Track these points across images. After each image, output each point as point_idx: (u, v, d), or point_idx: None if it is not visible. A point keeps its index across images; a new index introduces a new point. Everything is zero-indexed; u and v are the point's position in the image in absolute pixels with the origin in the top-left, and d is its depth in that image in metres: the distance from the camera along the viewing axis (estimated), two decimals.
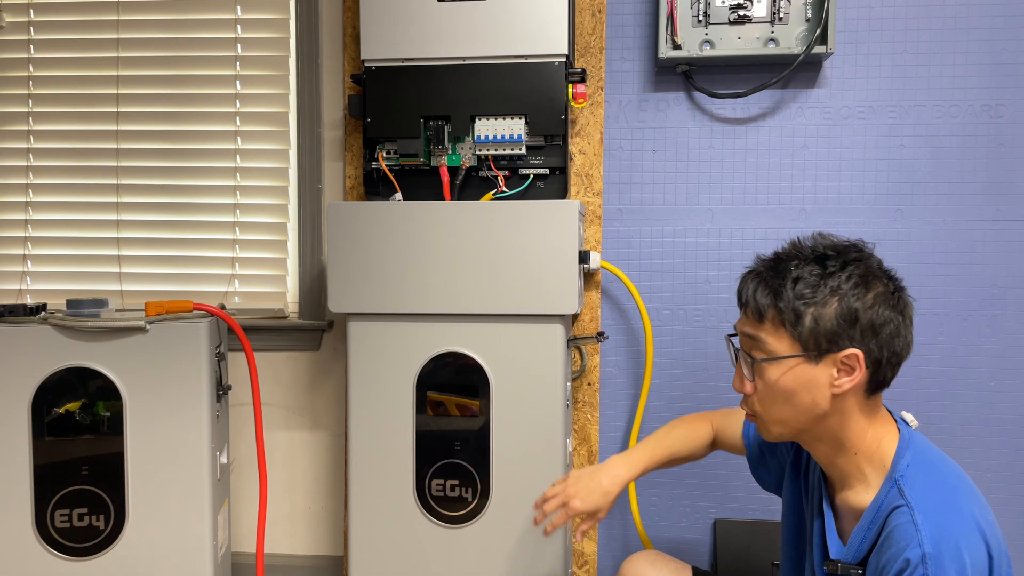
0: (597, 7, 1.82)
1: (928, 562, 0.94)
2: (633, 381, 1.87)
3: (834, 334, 1.01)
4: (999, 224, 1.76)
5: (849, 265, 1.04)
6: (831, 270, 1.03)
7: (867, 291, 1.02)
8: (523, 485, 1.62)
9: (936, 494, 1.00)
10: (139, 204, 2.01)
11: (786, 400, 1.05)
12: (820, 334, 1.02)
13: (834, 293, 1.02)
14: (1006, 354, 1.77)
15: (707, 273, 1.84)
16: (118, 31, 1.98)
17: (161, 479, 1.63)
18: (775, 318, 1.04)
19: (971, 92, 1.76)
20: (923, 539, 0.95)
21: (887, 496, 1.02)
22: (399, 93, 1.70)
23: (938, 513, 0.97)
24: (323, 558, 2.02)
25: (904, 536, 0.97)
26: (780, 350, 1.04)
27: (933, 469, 1.03)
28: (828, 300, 1.02)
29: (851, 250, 1.06)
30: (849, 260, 1.04)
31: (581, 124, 1.84)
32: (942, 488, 1.01)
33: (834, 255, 1.05)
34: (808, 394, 1.04)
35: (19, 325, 1.61)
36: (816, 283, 1.03)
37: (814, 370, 1.03)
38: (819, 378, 1.03)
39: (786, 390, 1.05)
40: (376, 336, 1.64)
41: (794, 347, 1.03)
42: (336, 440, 2.00)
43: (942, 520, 0.96)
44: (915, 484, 1.01)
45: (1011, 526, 1.78)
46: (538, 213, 1.57)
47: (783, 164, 1.81)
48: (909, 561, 0.95)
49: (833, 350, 1.02)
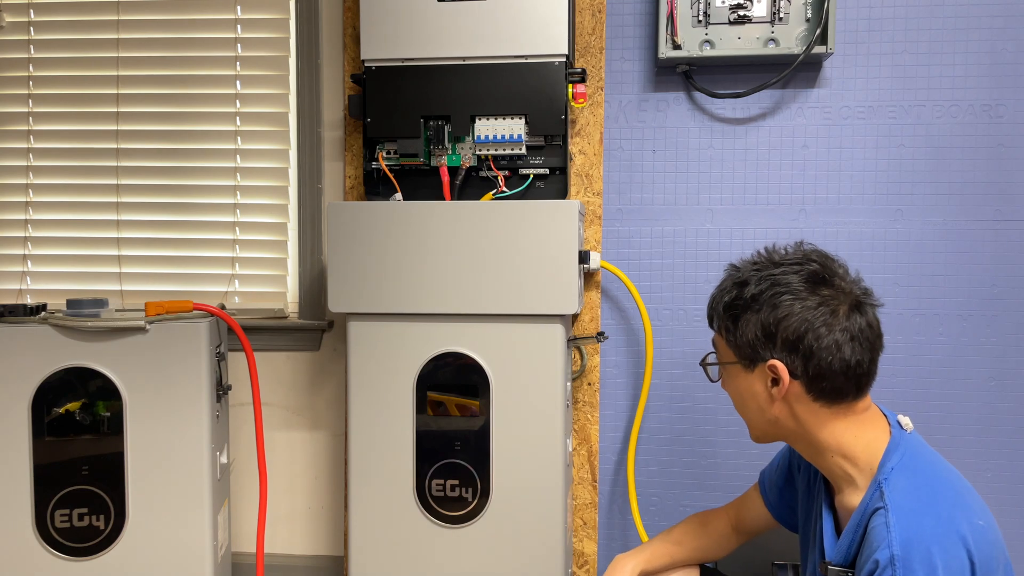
0: (597, 7, 1.82)
1: (896, 564, 0.94)
2: (633, 381, 1.87)
3: (755, 344, 1.07)
4: (999, 224, 1.76)
5: (769, 279, 1.07)
6: (760, 286, 1.07)
7: (793, 305, 1.04)
8: (523, 485, 1.62)
9: (914, 497, 0.99)
10: (139, 204, 2.01)
11: (741, 404, 1.15)
12: (745, 344, 1.09)
13: (758, 305, 1.07)
14: (1006, 354, 1.77)
15: (707, 273, 1.84)
16: (118, 31, 1.98)
17: (161, 479, 1.63)
18: (719, 326, 1.14)
19: (971, 92, 1.76)
20: (892, 540, 0.95)
21: (871, 499, 1.03)
22: (399, 93, 1.70)
23: (912, 516, 0.97)
24: (323, 558, 2.02)
25: (877, 538, 0.97)
26: (723, 356, 1.14)
27: (918, 472, 1.03)
28: (751, 313, 1.07)
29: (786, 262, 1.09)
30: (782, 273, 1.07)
31: (581, 124, 1.84)
32: (923, 491, 1.00)
33: (766, 266, 1.09)
34: (753, 400, 1.11)
35: (19, 325, 1.61)
36: (743, 295, 1.09)
37: (751, 377, 1.10)
38: (756, 385, 1.10)
39: (736, 394, 1.15)
40: (376, 336, 1.64)
41: (730, 355, 1.12)
42: (336, 440, 2.00)
43: (915, 522, 0.96)
44: (896, 486, 1.01)
45: (1011, 526, 1.78)
46: (538, 213, 1.57)
47: (783, 164, 1.81)
48: (878, 563, 0.95)
49: (759, 360, 1.08)
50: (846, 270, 1.10)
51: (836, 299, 1.05)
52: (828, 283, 1.06)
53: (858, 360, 1.04)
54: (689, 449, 1.86)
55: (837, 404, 1.06)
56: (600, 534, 1.90)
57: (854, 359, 1.04)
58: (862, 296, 1.07)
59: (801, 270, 1.07)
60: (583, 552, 1.89)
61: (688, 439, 1.86)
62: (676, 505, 1.87)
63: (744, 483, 1.84)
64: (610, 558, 1.90)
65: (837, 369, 1.04)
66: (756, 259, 1.13)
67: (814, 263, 1.08)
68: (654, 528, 1.87)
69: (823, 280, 1.06)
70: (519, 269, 1.57)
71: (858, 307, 1.06)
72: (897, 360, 1.79)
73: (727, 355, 1.13)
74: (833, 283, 1.06)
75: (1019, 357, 1.77)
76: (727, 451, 1.85)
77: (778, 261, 1.10)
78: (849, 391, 1.06)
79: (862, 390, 1.07)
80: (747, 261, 1.14)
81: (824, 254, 1.11)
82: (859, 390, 1.06)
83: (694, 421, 1.86)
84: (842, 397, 1.06)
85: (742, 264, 1.14)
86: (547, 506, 1.61)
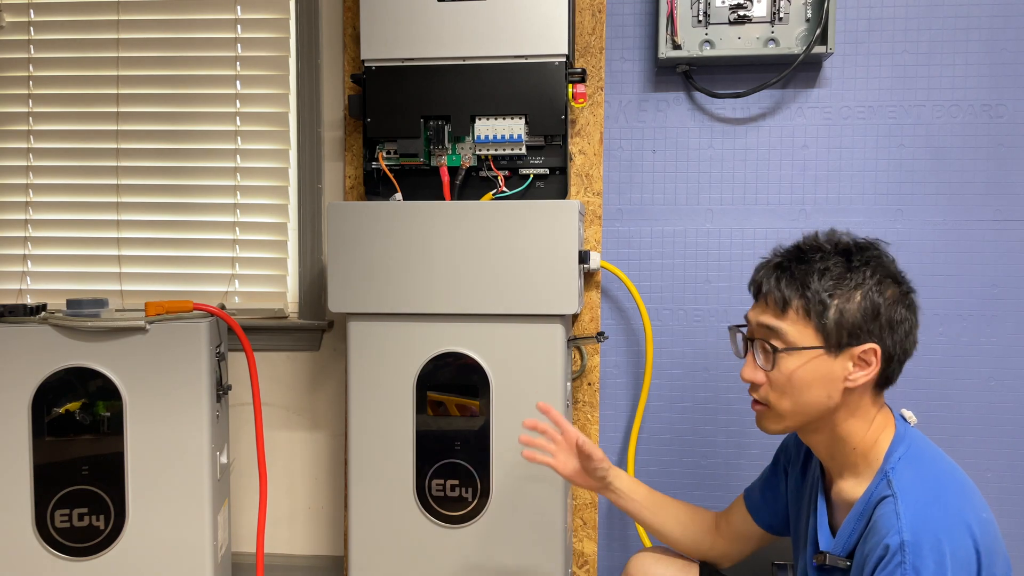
0: (597, 7, 1.82)
1: (906, 550, 0.94)
2: (633, 381, 1.87)
3: (857, 328, 1.03)
4: (999, 224, 1.77)
5: (872, 261, 1.06)
6: (856, 264, 1.05)
7: (887, 288, 1.05)
8: (523, 485, 1.62)
9: (922, 486, 1.00)
10: (139, 204, 2.01)
11: (801, 391, 1.06)
12: (844, 327, 1.03)
13: (858, 287, 1.04)
14: (1006, 354, 1.77)
15: (707, 273, 1.84)
16: (118, 31, 1.98)
17: (161, 479, 1.63)
18: (801, 308, 1.05)
19: (971, 92, 1.76)
20: (903, 527, 0.96)
21: (877, 488, 1.03)
22: (399, 93, 1.70)
23: (921, 504, 0.98)
24: (323, 558, 2.02)
25: (886, 525, 0.98)
26: (802, 341, 1.05)
27: (924, 464, 1.04)
28: (852, 294, 1.03)
29: (871, 247, 1.09)
30: (870, 256, 1.06)
31: (581, 124, 1.84)
32: (930, 482, 1.01)
33: (857, 250, 1.07)
34: (823, 387, 1.05)
35: (19, 325, 1.61)
36: (842, 276, 1.04)
37: (832, 363, 1.04)
38: (835, 371, 1.04)
39: (803, 381, 1.05)
40: (376, 336, 1.64)
41: (816, 339, 1.04)
42: (336, 440, 2.00)
43: (925, 511, 0.97)
44: (903, 476, 1.02)
45: (1011, 526, 1.78)
46: (538, 213, 1.57)
47: (783, 164, 1.81)
48: (888, 548, 0.96)
49: (853, 344, 1.03)
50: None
51: (903, 283, 1.08)
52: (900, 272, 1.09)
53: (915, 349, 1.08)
54: (689, 449, 1.86)
55: (880, 391, 1.08)
56: (600, 534, 1.90)
57: (915, 348, 1.08)
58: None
59: (879, 252, 1.08)
60: (583, 552, 1.89)
61: (688, 439, 1.86)
62: None
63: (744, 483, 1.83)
64: (610, 558, 1.90)
65: (909, 356, 1.07)
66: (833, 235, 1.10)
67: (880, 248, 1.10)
68: None
69: (897, 269, 1.09)
70: (519, 269, 1.57)
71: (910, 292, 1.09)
72: None
73: (808, 339, 1.04)
74: (901, 272, 1.09)
75: (1019, 357, 1.77)
76: (727, 451, 1.85)
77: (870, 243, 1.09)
78: (896, 379, 1.08)
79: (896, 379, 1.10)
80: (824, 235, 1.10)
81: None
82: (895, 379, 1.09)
83: (694, 421, 1.86)
84: (889, 384, 1.09)
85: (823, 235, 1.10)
86: (547, 506, 1.62)
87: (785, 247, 1.12)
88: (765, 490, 1.30)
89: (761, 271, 1.11)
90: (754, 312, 1.11)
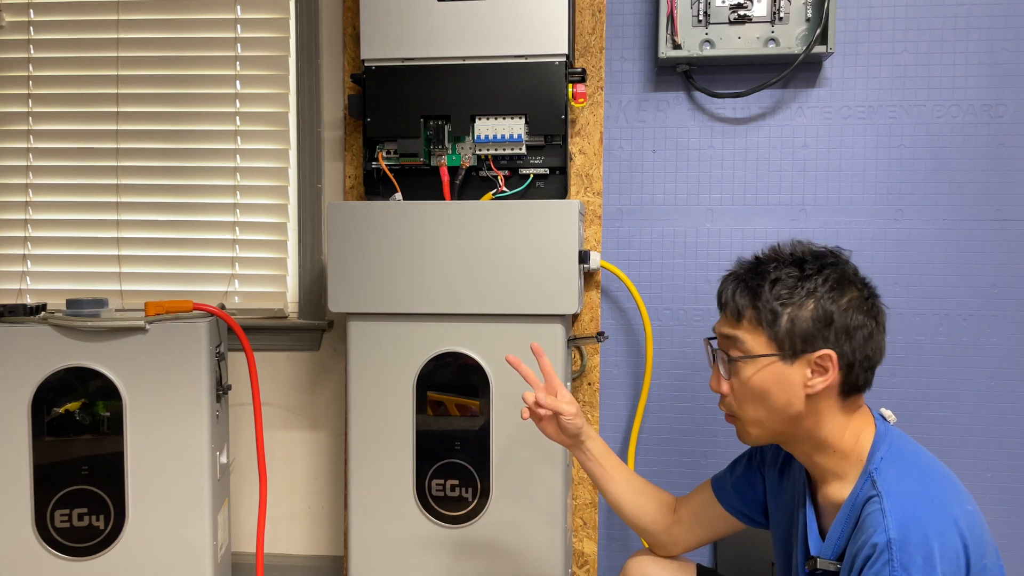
0: (597, 7, 1.82)
1: (893, 547, 0.95)
2: (633, 381, 1.87)
3: (809, 335, 1.05)
4: (999, 224, 1.76)
5: (825, 269, 1.07)
6: (808, 272, 1.07)
7: (842, 295, 1.06)
8: (523, 485, 1.62)
9: (906, 483, 1.01)
10: (139, 204, 2.01)
11: (761, 399, 1.08)
12: (795, 335, 1.05)
13: (810, 295, 1.05)
14: (1006, 354, 1.77)
15: (707, 273, 1.84)
16: (118, 31, 1.98)
17: (161, 479, 1.63)
18: (753, 318, 1.08)
19: (971, 92, 1.76)
20: (889, 525, 0.96)
21: (862, 489, 1.04)
22: (399, 93, 1.70)
23: (906, 501, 0.98)
24: (323, 558, 2.02)
25: (872, 523, 0.98)
26: (756, 349, 1.07)
27: (907, 461, 1.05)
28: (804, 302, 1.05)
29: (828, 256, 1.10)
30: (826, 264, 1.08)
31: (581, 124, 1.84)
32: (914, 478, 1.02)
33: (811, 259, 1.09)
34: (782, 393, 1.06)
35: (19, 325, 1.61)
36: (793, 285, 1.06)
37: (788, 370, 1.06)
38: (793, 378, 1.06)
39: (761, 389, 1.08)
40: (376, 336, 1.64)
41: (770, 346, 1.07)
42: (336, 440, 2.00)
43: (910, 507, 0.98)
44: (887, 475, 1.02)
45: (1011, 526, 1.78)
46: (538, 213, 1.57)
47: (783, 164, 1.81)
48: (876, 546, 0.96)
49: (808, 351, 1.05)
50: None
51: (865, 289, 1.08)
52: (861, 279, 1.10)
53: (883, 349, 1.08)
54: (689, 449, 1.86)
55: (851, 398, 1.08)
56: (600, 534, 1.90)
57: (884, 349, 1.08)
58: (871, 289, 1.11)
59: (836, 261, 1.09)
60: (583, 552, 1.89)
61: (688, 439, 1.86)
62: None
63: None
64: (610, 558, 1.90)
65: (874, 360, 1.07)
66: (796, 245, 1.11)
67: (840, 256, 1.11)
68: None
69: (858, 275, 1.10)
70: (519, 269, 1.57)
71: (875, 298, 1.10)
72: (897, 360, 1.79)
73: (763, 347, 1.07)
74: (863, 279, 1.10)
75: (1019, 357, 1.77)
76: (727, 451, 1.85)
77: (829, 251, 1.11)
78: (866, 384, 1.08)
79: (870, 384, 1.10)
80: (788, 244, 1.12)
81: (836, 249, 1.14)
82: (868, 384, 1.09)
83: (694, 421, 1.86)
84: (860, 391, 1.08)
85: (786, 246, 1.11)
86: (547, 506, 1.62)
87: (746, 258, 1.14)
88: (738, 483, 1.30)
89: (722, 283, 1.14)
90: (718, 324, 1.15)
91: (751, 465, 1.30)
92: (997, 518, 1.78)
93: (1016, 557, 1.78)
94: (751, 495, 1.29)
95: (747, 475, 1.30)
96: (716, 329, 1.15)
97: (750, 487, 1.29)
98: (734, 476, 1.31)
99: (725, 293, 1.12)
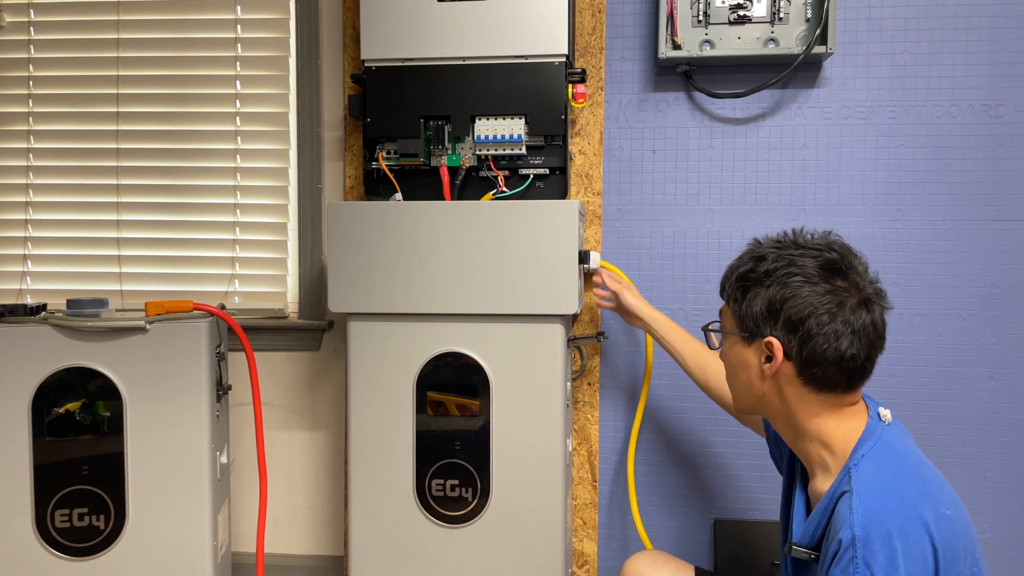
0: (597, 7, 1.82)
1: (857, 544, 0.96)
2: (633, 381, 1.87)
3: (758, 319, 1.09)
4: (999, 224, 1.76)
5: (804, 259, 1.08)
6: (781, 261, 1.09)
7: (805, 287, 1.06)
8: (523, 485, 1.62)
9: (879, 482, 1.01)
10: (139, 204, 2.01)
11: (733, 374, 1.17)
12: (748, 316, 1.11)
13: (774, 282, 1.08)
14: (1006, 354, 1.77)
15: (707, 273, 1.84)
16: (118, 31, 1.98)
17: (161, 479, 1.63)
18: (729, 298, 1.15)
19: (971, 92, 1.76)
20: (855, 522, 0.97)
21: (840, 484, 1.04)
22: (399, 93, 1.70)
23: (874, 499, 0.99)
24: (323, 558, 2.02)
25: (841, 520, 0.99)
26: (726, 325, 1.17)
27: (887, 460, 1.04)
28: (766, 287, 1.08)
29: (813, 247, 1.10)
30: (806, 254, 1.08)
31: (581, 124, 1.84)
32: (889, 478, 1.02)
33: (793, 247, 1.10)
34: (744, 372, 1.14)
35: (19, 325, 1.61)
36: (765, 269, 1.09)
37: (746, 351, 1.12)
38: (750, 359, 1.12)
39: (731, 364, 1.17)
40: (376, 336, 1.64)
41: (734, 325, 1.14)
42: (336, 440, 2.00)
43: (876, 506, 0.98)
44: (863, 472, 1.02)
45: (1011, 526, 1.78)
46: (538, 213, 1.57)
47: (783, 164, 1.81)
48: (841, 542, 0.98)
49: (759, 335, 1.09)
50: (866, 268, 1.11)
51: (847, 291, 1.06)
52: (843, 274, 1.07)
53: (853, 354, 1.05)
54: (689, 449, 1.86)
55: (825, 393, 1.08)
56: (600, 534, 1.90)
57: (850, 352, 1.05)
58: (873, 295, 1.08)
59: (819, 256, 1.08)
60: (583, 552, 1.89)
61: (688, 439, 1.86)
62: (676, 505, 1.87)
63: (744, 482, 1.84)
64: (610, 558, 1.90)
65: (831, 358, 1.05)
66: (779, 238, 1.14)
67: (834, 253, 1.09)
68: (654, 528, 1.87)
69: (839, 271, 1.07)
70: (519, 269, 1.57)
71: (866, 304, 1.06)
72: (897, 360, 1.79)
73: (730, 325, 1.15)
74: (848, 276, 1.07)
75: (1019, 357, 1.77)
76: (727, 451, 1.85)
77: (800, 244, 1.12)
78: (840, 383, 1.07)
79: (854, 385, 1.08)
80: (771, 239, 1.15)
81: (847, 247, 1.11)
82: (850, 385, 1.07)
83: (694, 421, 1.86)
84: (832, 387, 1.07)
85: (765, 240, 1.15)
86: (547, 506, 1.62)
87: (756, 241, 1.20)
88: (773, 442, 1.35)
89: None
90: None
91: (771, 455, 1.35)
92: (997, 518, 1.78)
93: (1016, 557, 1.78)
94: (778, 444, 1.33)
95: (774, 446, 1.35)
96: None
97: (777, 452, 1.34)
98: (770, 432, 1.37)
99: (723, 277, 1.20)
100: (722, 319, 1.19)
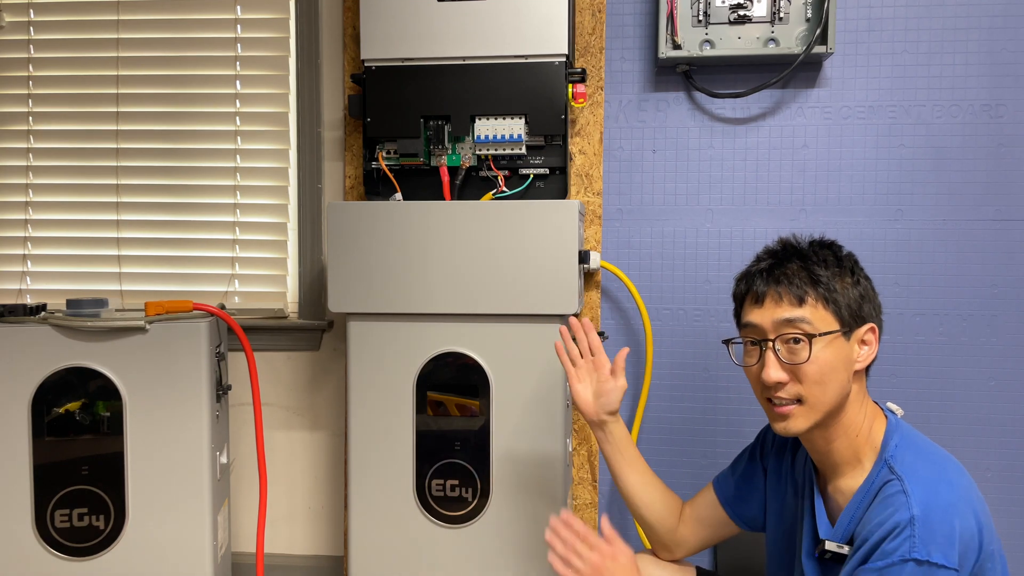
0: (597, 7, 1.82)
1: (916, 524, 0.97)
2: (633, 381, 1.87)
3: (859, 309, 1.09)
4: (999, 224, 1.77)
5: (844, 250, 1.15)
6: (840, 254, 1.13)
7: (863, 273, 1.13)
8: (523, 485, 1.62)
9: (925, 467, 1.04)
10: (139, 204, 2.01)
11: (831, 377, 1.07)
12: (851, 309, 1.08)
13: (852, 273, 1.11)
14: (1006, 354, 1.77)
15: (707, 273, 1.84)
16: (118, 31, 1.98)
17: (161, 479, 1.63)
18: (819, 297, 1.08)
19: (971, 92, 1.76)
20: (912, 503, 0.99)
21: (878, 475, 1.06)
22: (399, 93, 1.70)
23: (928, 483, 1.01)
24: (323, 558, 2.02)
25: (893, 503, 1.00)
26: (825, 327, 1.07)
27: (921, 449, 1.08)
28: (850, 279, 1.10)
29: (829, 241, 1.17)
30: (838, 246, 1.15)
31: (581, 124, 1.84)
32: (931, 464, 1.05)
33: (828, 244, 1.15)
34: (845, 371, 1.08)
35: (19, 325, 1.61)
36: (837, 264, 1.10)
37: (847, 346, 1.09)
38: (850, 354, 1.09)
39: (831, 367, 1.06)
40: (376, 336, 1.64)
41: (835, 323, 1.08)
42: (336, 440, 2.00)
43: (932, 488, 1.00)
44: (904, 461, 1.05)
45: (1011, 525, 1.78)
46: (538, 213, 1.57)
47: (783, 164, 1.81)
48: (898, 523, 0.98)
49: (858, 325, 1.09)
50: None
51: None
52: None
53: None
54: (689, 449, 1.86)
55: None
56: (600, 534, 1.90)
57: None
58: None
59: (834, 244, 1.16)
60: None
61: (688, 439, 1.86)
62: None
63: None
64: None
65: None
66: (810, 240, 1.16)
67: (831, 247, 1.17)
68: None
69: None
70: (519, 269, 1.57)
71: None
72: (897, 360, 1.79)
73: (824, 323, 1.07)
74: None
75: (1019, 357, 1.77)
76: (727, 451, 1.85)
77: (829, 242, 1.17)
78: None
79: None
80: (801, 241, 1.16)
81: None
82: None
83: (694, 421, 1.86)
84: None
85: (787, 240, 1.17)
86: (547, 506, 1.62)
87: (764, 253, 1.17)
88: (741, 483, 1.31)
89: (755, 278, 1.12)
90: (763, 313, 1.10)
91: (753, 458, 1.31)
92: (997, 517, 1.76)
93: (1015, 557, 1.78)
94: (752, 493, 1.30)
95: (749, 470, 1.31)
96: (766, 319, 1.09)
97: (751, 485, 1.30)
98: (736, 475, 1.32)
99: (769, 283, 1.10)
100: (808, 322, 1.07)
